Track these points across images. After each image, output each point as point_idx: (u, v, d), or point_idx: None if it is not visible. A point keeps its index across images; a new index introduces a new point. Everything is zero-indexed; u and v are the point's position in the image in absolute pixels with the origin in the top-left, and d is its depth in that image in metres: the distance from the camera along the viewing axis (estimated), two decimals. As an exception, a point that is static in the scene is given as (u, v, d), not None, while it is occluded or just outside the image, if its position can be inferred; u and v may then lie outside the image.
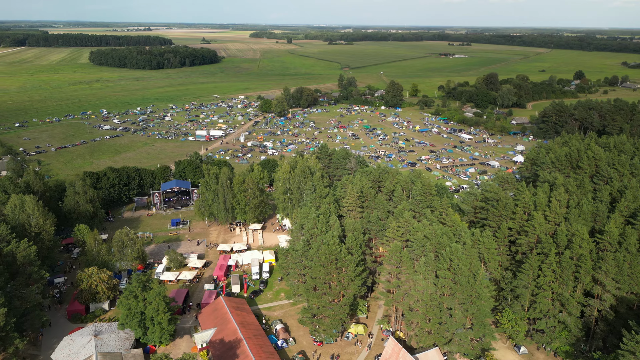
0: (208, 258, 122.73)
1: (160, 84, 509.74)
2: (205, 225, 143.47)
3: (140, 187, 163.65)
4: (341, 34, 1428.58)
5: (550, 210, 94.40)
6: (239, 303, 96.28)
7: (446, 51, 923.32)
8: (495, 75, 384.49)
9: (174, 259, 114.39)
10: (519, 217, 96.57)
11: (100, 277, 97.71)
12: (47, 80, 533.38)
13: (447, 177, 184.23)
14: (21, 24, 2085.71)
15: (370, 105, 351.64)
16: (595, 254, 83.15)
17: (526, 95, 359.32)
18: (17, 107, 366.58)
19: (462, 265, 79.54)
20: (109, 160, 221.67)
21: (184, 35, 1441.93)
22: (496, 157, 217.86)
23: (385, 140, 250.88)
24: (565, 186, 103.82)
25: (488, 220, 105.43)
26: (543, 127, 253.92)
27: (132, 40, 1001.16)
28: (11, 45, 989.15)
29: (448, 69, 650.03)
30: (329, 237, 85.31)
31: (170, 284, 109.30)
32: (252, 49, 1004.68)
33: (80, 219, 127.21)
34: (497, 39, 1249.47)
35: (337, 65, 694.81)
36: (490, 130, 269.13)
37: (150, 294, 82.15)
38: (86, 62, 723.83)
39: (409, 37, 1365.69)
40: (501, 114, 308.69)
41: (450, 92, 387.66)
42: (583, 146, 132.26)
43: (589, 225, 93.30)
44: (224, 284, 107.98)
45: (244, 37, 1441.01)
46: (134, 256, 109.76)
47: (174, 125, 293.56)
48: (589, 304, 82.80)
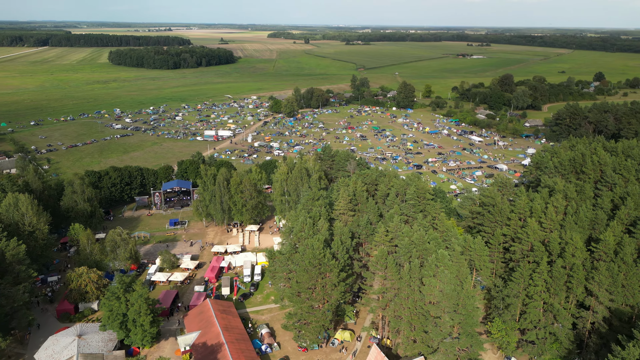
0: (202, 259, 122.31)
1: (175, 84, 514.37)
2: (203, 226, 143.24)
3: (143, 186, 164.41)
4: (359, 35, 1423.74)
5: (546, 216, 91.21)
6: (225, 306, 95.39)
7: (464, 52, 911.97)
8: (510, 76, 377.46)
9: (167, 260, 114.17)
10: (514, 223, 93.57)
11: (90, 276, 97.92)
12: (66, 79, 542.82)
13: (452, 180, 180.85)
14: (46, 25, 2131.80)
15: (382, 106, 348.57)
16: (589, 263, 79.87)
17: (542, 97, 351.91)
18: (34, 106, 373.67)
19: (449, 273, 77.22)
20: (116, 159, 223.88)
21: (203, 36, 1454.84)
22: (505, 160, 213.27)
23: (393, 141, 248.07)
24: (564, 192, 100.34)
25: (484, 226, 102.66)
26: (556, 129, 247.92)
27: (152, 40, 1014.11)
28: (34, 45, 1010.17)
29: (465, 70, 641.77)
30: (314, 241, 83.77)
31: (162, 285, 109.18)
32: (269, 49, 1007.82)
33: (78, 217, 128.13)
34: (518, 40, 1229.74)
35: (353, 65, 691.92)
36: (502, 133, 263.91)
37: (132, 295, 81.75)
38: (105, 62, 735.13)
39: (427, 38, 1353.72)
40: (514, 116, 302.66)
41: (464, 93, 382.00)
42: (589, 150, 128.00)
43: (586, 233, 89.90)
44: (214, 286, 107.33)
45: (262, 38, 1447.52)
46: (126, 256, 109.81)
47: (183, 125, 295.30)
48: (581, 316, 79.54)
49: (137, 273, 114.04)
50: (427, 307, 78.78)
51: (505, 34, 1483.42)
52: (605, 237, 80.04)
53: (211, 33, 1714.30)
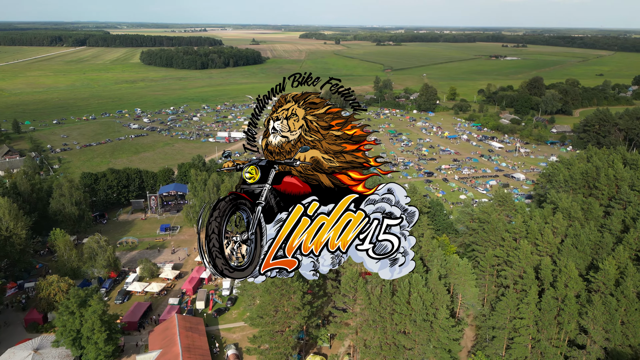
0: (186, 268, 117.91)
1: (201, 84, 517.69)
2: (195, 233, 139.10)
3: (141, 189, 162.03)
4: (390, 35, 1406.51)
5: (543, 238, 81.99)
6: (193, 323, 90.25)
7: (498, 53, 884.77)
8: (540, 79, 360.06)
9: (147, 269, 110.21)
10: (508, 244, 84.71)
11: (60, 286, 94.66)
12: (97, 78, 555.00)
13: (462, 190, 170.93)
14: (88, 25, 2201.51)
15: (402, 109, 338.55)
16: (584, 295, 70.56)
17: (574, 102, 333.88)
18: (61, 105, 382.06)
19: (422, 301, 69.68)
20: (126, 159, 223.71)
21: (236, 36, 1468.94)
22: (525, 168, 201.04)
23: (408, 146, 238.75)
24: (567, 210, 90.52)
25: (477, 245, 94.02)
26: (584, 137, 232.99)
27: (184, 40, 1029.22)
28: (73, 45, 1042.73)
29: (496, 72, 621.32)
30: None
31: (138, 295, 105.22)
32: (299, 49, 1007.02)
33: (66, 222, 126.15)
34: (556, 41, 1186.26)
35: (380, 66, 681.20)
36: (526, 139, 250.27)
37: (87, 310, 77.58)
38: (137, 61, 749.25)
39: (461, 38, 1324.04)
40: (541, 121, 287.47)
41: (491, 96, 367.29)
42: (606, 162, 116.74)
43: (588, 258, 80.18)
44: (189, 299, 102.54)
45: (293, 38, 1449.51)
46: (103, 264, 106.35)
47: (198, 126, 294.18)
48: (572, 356, 70.27)
49: (116, 281, 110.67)
50: (399, 337, 71.34)
51: (543, 35, 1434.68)
52: (606, 265, 70.53)
53: (244, 34, 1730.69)
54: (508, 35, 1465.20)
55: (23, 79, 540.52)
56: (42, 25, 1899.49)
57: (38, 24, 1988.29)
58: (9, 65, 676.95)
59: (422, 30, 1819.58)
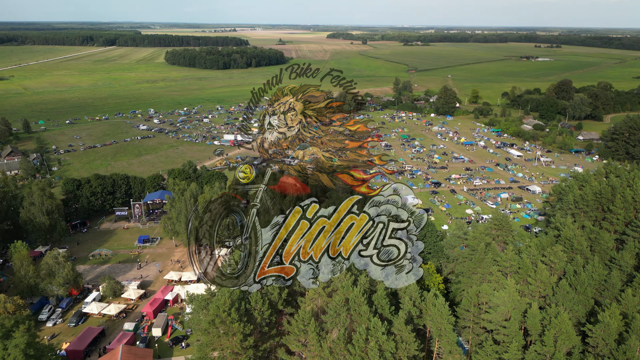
0: (154, 287, 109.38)
1: (220, 84, 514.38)
2: (173, 245, 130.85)
3: (129, 196, 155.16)
4: (419, 35, 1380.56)
5: (536, 275, 69.33)
6: (140, 355, 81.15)
7: (530, 54, 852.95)
8: (568, 82, 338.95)
9: (110, 287, 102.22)
10: (495, 279, 72.41)
11: (6, 306, 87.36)
12: (119, 78, 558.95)
13: (470, 203, 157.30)
14: (123, 25, 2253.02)
15: (419, 112, 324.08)
16: (577, 354, 57.97)
17: (605, 106, 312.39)
18: (78, 104, 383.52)
19: (385, 350, 58.67)
20: (126, 162, 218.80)
21: (263, 36, 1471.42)
22: (543, 180, 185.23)
23: (420, 153, 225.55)
24: (570, 241, 77.28)
25: (464, 276, 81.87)
26: (612, 145, 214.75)
27: (210, 40, 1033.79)
28: (103, 45, 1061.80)
29: (526, 74, 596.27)
30: (224, 292, 67.60)
31: (96, 318, 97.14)
32: (324, 49, 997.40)
33: (36, 232, 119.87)
34: (593, 41, 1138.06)
35: (405, 67, 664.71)
36: (548, 147, 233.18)
37: (11, 343, 69.45)
38: (162, 61, 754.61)
39: (492, 39, 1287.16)
40: (567, 127, 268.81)
41: (515, 99, 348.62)
42: (625, 181, 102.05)
43: (589, 303, 67.16)
44: (147, 324, 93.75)
45: (320, 38, 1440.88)
46: (60, 282, 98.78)
47: (207, 128, 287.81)
48: None
49: (77, 300, 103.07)
50: (353, 393, 60.39)
51: (579, 35, 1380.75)
52: (606, 317, 57.75)
53: (273, 34, 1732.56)
54: (542, 36, 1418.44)
55: (49, 77, 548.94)
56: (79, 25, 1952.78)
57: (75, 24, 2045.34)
58: (39, 64, 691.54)
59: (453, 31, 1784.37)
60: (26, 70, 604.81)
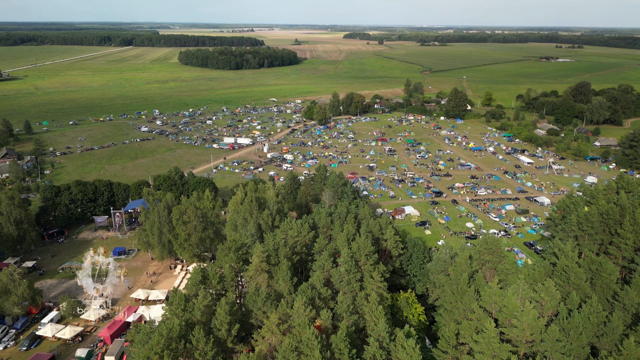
0: (122, 305, 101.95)
1: (230, 85, 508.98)
2: (149, 259, 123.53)
3: (112, 203, 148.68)
4: (436, 35, 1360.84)
5: (522, 318, 59.41)
6: (83, 388, 73.69)
7: (550, 54, 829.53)
8: (587, 84, 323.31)
9: (69, 307, 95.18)
10: (477, 317, 62.72)
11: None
12: (130, 78, 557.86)
13: (471, 215, 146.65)
14: (143, 25, 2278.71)
15: (428, 115, 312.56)
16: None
17: (625, 110, 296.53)
18: (86, 104, 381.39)
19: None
20: (120, 166, 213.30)
21: (280, 36, 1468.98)
22: (553, 190, 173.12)
23: (424, 159, 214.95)
24: (566, 273, 67.00)
25: (445, 310, 72.27)
26: (630, 153, 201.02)
27: (226, 40, 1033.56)
28: (120, 45, 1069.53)
29: (544, 75, 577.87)
30: (169, 325, 59.42)
31: (50, 341, 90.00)
32: (340, 50, 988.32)
33: (3, 243, 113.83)
34: (616, 42, 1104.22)
35: (419, 67, 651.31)
36: (562, 153, 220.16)
37: None
38: (175, 61, 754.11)
39: (512, 39, 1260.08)
40: (583, 132, 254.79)
41: (530, 102, 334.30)
42: (638, 198, 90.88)
43: (583, 352, 57.04)
44: (102, 350, 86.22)
45: (337, 39, 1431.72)
46: (15, 301, 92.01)
47: (209, 130, 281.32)
48: None
49: (35, 319, 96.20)
50: None
51: (602, 35, 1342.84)
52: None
53: (290, 34, 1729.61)
54: (564, 36, 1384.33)
55: (62, 77, 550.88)
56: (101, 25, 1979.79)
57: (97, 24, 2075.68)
58: (54, 64, 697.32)
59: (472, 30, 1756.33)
60: (40, 70, 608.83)
